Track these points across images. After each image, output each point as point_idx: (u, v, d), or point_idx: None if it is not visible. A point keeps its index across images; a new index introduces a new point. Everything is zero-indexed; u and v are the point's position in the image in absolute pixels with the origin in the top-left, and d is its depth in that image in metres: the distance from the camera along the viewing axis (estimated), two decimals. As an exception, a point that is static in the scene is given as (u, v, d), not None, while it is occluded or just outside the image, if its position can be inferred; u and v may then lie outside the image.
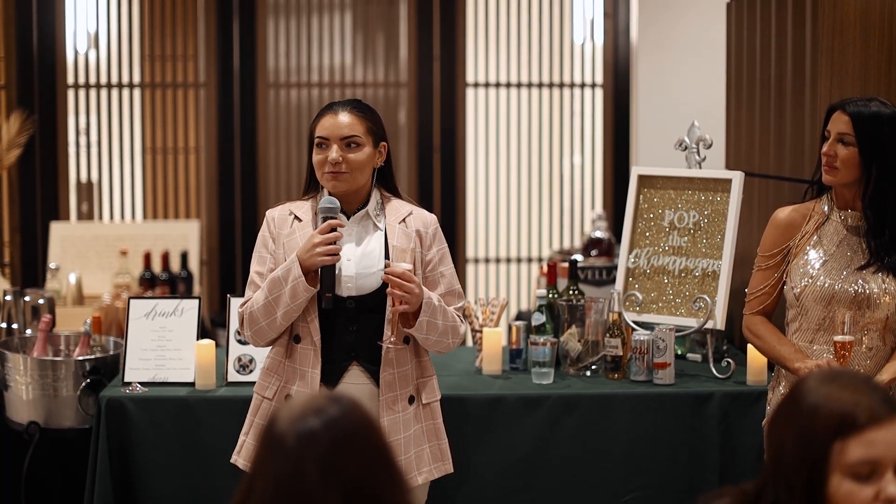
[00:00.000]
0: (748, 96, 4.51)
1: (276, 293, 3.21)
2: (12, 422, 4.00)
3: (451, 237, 6.78)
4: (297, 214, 3.34)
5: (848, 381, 1.93)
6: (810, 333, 3.34)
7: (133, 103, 6.71)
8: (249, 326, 3.29)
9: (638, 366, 3.93)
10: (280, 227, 3.33)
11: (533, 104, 6.93)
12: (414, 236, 3.33)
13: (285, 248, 3.29)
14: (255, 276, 3.33)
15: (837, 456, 1.86)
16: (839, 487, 1.86)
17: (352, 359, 3.29)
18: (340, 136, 3.28)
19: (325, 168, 3.28)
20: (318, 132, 3.30)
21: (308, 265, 3.19)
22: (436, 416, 3.40)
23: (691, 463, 3.80)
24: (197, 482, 3.73)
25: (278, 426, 1.75)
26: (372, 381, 3.29)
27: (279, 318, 3.23)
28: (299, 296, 3.20)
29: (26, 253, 6.50)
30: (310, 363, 3.26)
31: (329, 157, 3.27)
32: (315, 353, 3.26)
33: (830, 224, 3.36)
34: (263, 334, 3.28)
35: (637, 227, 4.25)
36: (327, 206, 3.26)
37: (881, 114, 3.25)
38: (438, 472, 3.39)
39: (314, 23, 6.76)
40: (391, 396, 3.27)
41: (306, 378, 3.27)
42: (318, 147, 3.30)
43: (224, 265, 6.70)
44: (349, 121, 3.29)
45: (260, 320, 3.25)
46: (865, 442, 1.86)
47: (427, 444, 3.36)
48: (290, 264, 3.21)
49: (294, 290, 3.19)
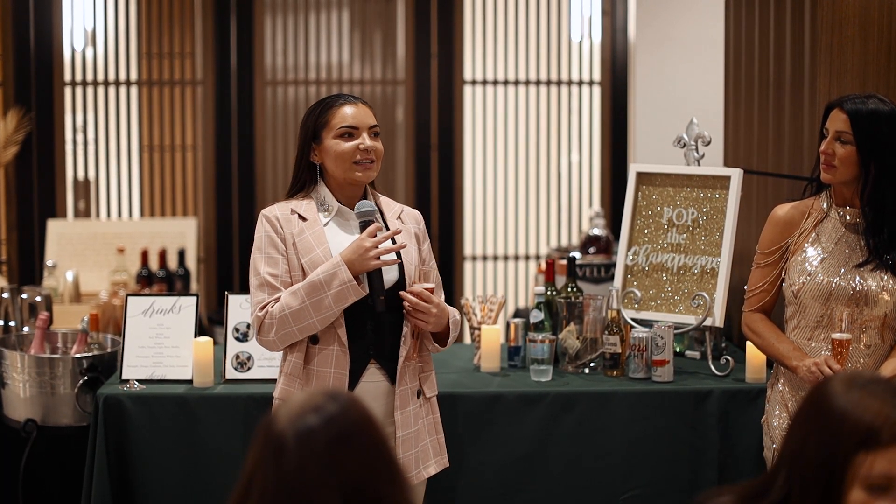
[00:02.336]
0: (747, 93, 4.51)
1: (316, 297, 3.14)
2: (10, 419, 4.00)
3: (448, 235, 6.78)
4: (300, 213, 3.27)
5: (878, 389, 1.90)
6: (808, 330, 3.34)
7: (130, 101, 6.70)
8: (276, 331, 3.19)
9: (636, 363, 3.92)
10: (286, 226, 3.26)
11: (531, 102, 6.93)
12: (413, 232, 3.34)
13: (297, 248, 3.23)
14: (270, 278, 3.22)
15: (858, 468, 1.85)
16: (854, 497, 1.85)
17: (370, 357, 3.25)
18: (369, 125, 3.27)
19: (355, 157, 3.23)
20: (344, 122, 3.24)
21: (360, 269, 3.14)
22: (435, 411, 3.40)
23: (690, 460, 3.79)
24: (195, 479, 3.73)
25: (277, 424, 1.74)
26: (387, 379, 3.26)
27: (317, 322, 3.16)
28: (348, 299, 3.14)
29: (23, 250, 6.50)
30: (334, 364, 3.21)
31: (363, 144, 3.23)
32: (343, 354, 3.20)
33: (829, 221, 3.35)
34: (290, 338, 3.20)
35: (636, 225, 4.25)
36: (367, 210, 3.22)
37: (879, 111, 3.24)
38: (438, 467, 3.39)
39: (311, 20, 6.75)
40: (404, 390, 3.26)
41: (330, 379, 3.21)
42: (341, 137, 3.24)
43: (221, 263, 6.69)
44: (370, 112, 3.31)
45: (291, 325, 3.17)
46: (887, 458, 1.84)
47: (428, 438, 3.36)
48: (332, 268, 3.14)
49: (341, 295, 3.13)
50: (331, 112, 3.26)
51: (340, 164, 3.24)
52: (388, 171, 6.76)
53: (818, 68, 3.90)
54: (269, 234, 3.26)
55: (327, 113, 3.26)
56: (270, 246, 3.25)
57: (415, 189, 6.76)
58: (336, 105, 3.27)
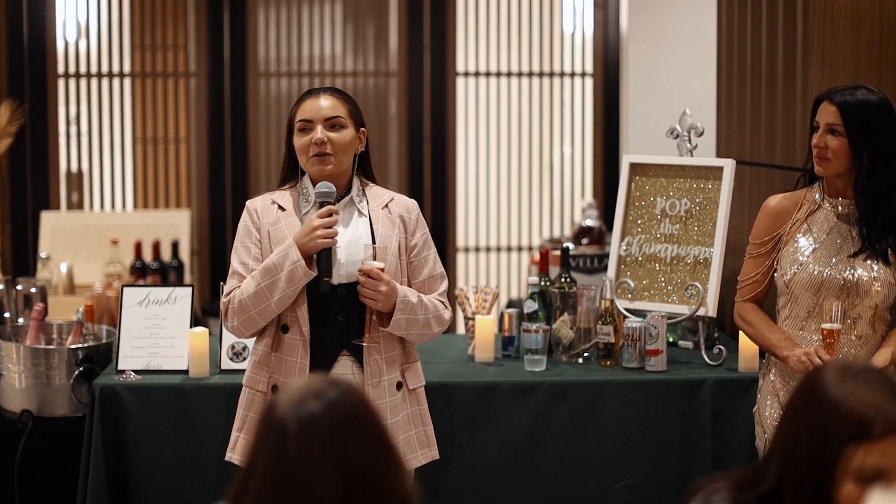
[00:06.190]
0: (739, 84, 4.52)
1: (270, 279, 3.18)
2: (5, 410, 4.00)
3: (441, 226, 6.79)
4: (280, 203, 3.31)
5: (871, 380, 1.90)
6: (800, 321, 3.36)
7: (123, 93, 6.70)
8: (237, 316, 3.23)
9: (630, 353, 3.94)
10: (263, 216, 3.30)
11: (523, 93, 6.94)
12: (398, 222, 3.32)
13: (271, 237, 3.26)
14: (240, 266, 3.28)
15: (849, 460, 1.85)
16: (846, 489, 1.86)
17: (341, 347, 3.27)
18: (324, 118, 3.26)
19: (309, 151, 3.25)
20: (301, 116, 3.28)
21: (308, 249, 3.17)
22: (421, 402, 3.38)
23: (683, 449, 3.81)
24: (191, 469, 3.74)
25: (278, 411, 1.75)
26: (360, 370, 3.26)
27: (273, 304, 3.19)
28: (297, 280, 3.17)
29: (17, 242, 6.49)
30: (298, 353, 3.23)
31: (314, 137, 3.24)
32: (304, 343, 3.23)
33: (821, 212, 3.37)
34: (252, 323, 3.24)
35: (629, 215, 4.26)
36: (325, 192, 3.24)
37: (869, 102, 3.25)
38: (425, 459, 3.36)
39: (304, 12, 6.76)
40: (377, 382, 3.24)
41: (295, 369, 3.23)
42: (300, 132, 3.28)
43: (215, 254, 6.70)
44: (331, 102, 3.29)
45: (250, 308, 3.21)
46: (879, 451, 1.84)
47: (413, 430, 3.34)
48: (285, 250, 3.18)
49: (292, 275, 3.16)
50: (297, 106, 3.32)
51: (301, 157, 3.29)
52: (381, 163, 6.76)
53: (810, 59, 3.91)
54: (246, 224, 3.32)
55: (295, 107, 3.32)
56: (245, 236, 3.31)
57: (407, 181, 6.77)
58: (303, 99, 3.32)
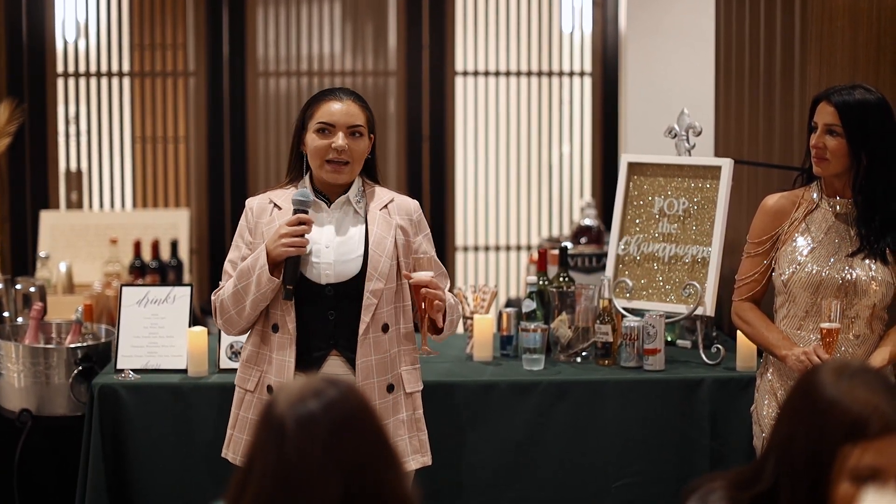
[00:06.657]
0: (737, 84, 4.52)
1: (245, 282, 3.18)
2: (4, 409, 4.00)
3: (440, 225, 6.80)
4: (277, 202, 3.29)
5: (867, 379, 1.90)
6: (798, 320, 3.36)
7: (122, 92, 6.70)
8: (220, 315, 3.27)
9: (628, 352, 3.95)
10: (259, 216, 3.28)
11: (522, 93, 6.94)
12: (395, 223, 3.28)
13: (264, 236, 3.24)
14: (228, 265, 3.29)
15: (845, 459, 1.84)
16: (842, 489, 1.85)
17: (330, 347, 3.24)
18: (348, 125, 3.23)
19: (327, 155, 3.22)
20: (323, 118, 3.23)
21: (273, 255, 3.15)
22: (416, 407, 3.33)
23: (682, 448, 3.82)
24: (190, 468, 3.74)
25: (277, 410, 1.75)
26: (350, 370, 3.23)
27: (248, 307, 3.19)
28: (262, 286, 3.16)
29: (16, 242, 6.49)
30: (286, 352, 3.21)
31: (335, 143, 3.21)
32: (290, 342, 3.21)
33: (819, 211, 3.37)
34: (234, 323, 3.25)
35: (627, 215, 4.27)
36: (300, 199, 3.20)
37: (866, 101, 3.24)
38: (416, 464, 3.30)
39: (303, 11, 6.76)
40: (367, 384, 3.20)
41: (283, 368, 3.21)
42: (320, 132, 3.23)
43: (214, 254, 6.70)
44: (355, 110, 3.25)
45: (230, 309, 3.22)
46: (875, 450, 1.84)
47: (407, 434, 3.28)
48: (258, 253, 3.18)
49: (259, 279, 3.15)
50: (317, 105, 3.26)
51: (314, 159, 3.25)
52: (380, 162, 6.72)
53: (808, 58, 3.92)
54: (241, 223, 3.33)
55: (314, 105, 3.27)
56: (239, 235, 3.32)
57: (406, 180, 6.77)
58: (324, 99, 3.26)
